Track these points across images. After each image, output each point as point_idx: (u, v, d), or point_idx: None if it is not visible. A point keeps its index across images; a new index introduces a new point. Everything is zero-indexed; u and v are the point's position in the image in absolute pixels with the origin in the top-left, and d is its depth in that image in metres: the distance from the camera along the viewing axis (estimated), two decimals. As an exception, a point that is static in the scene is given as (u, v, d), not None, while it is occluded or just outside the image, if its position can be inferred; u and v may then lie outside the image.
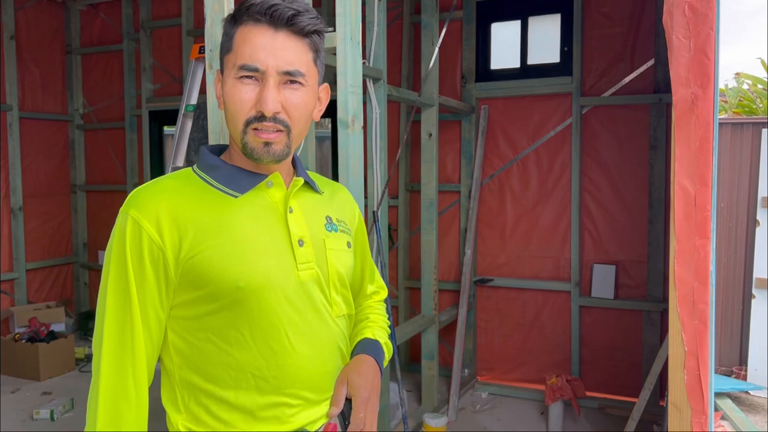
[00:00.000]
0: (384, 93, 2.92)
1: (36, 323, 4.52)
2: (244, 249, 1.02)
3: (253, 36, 1.01)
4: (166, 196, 1.03)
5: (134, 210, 1.01)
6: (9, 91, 4.85)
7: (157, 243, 0.99)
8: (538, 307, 4.07)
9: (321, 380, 1.09)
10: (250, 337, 1.02)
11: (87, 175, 5.44)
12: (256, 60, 1.01)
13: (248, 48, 1.01)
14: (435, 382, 3.64)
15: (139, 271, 1.00)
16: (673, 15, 1.67)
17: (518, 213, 4.10)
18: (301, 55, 1.03)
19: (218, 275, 1.00)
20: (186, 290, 1.02)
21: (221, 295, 1.00)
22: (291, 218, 1.08)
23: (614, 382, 3.85)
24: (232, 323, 1.02)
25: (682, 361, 1.68)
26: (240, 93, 1.02)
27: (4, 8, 4.78)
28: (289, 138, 1.05)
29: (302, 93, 1.04)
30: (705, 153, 1.65)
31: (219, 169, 1.08)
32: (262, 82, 1.01)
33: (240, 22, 1.04)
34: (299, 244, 1.07)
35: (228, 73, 1.05)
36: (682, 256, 1.68)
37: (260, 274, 1.02)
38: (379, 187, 2.98)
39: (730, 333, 4.42)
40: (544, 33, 4.02)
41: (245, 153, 1.05)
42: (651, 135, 3.69)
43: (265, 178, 1.08)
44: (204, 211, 1.03)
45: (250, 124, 1.02)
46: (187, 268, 1.00)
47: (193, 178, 1.08)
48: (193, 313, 1.02)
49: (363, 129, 1.99)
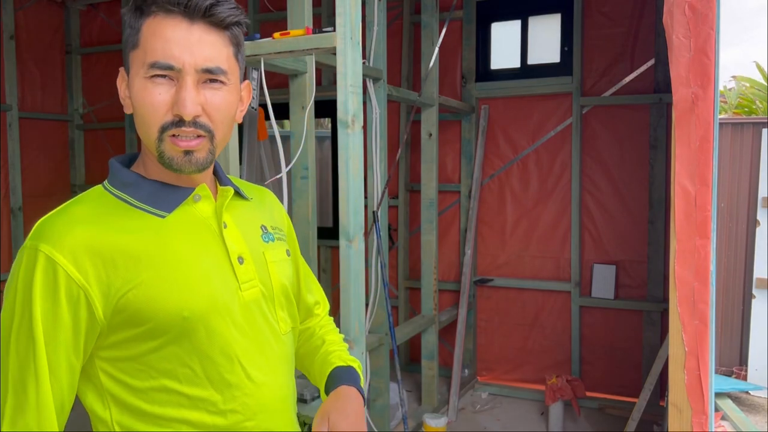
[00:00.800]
0: (384, 93, 2.92)
1: (36, 323, 4.52)
2: (183, 275, 0.90)
3: (164, 29, 0.88)
4: (83, 225, 0.88)
5: (46, 245, 0.86)
6: (9, 91, 4.84)
7: (78, 281, 0.85)
8: (538, 307, 4.07)
9: (280, 406, 1.01)
10: (202, 372, 0.92)
11: (87, 175, 5.44)
12: (169, 57, 0.87)
13: (159, 43, 0.88)
14: (435, 382, 3.63)
15: (52, 315, 0.85)
16: (674, 15, 1.67)
17: (518, 213, 4.10)
18: (221, 49, 0.91)
19: (159, 308, 0.88)
20: (120, 329, 0.89)
21: (164, 329, 0.89)
22: (227, 234, 0.97)
23: (614, 382, 3.85)
24: (180, 359, 0.90)
25: (683, 361, 1.68)
26: (152, 95, 0.88)
27: (4, 8, 4.78)
28: (212, 144, 0.92)
29: (224, 93, 0.92)
30: (705, 153, 1.65)
31: (137, 185, 0.95)
32: (178, 81, 0.88)
33: (147, 13, 0.89)
34: (239, 262, 0.97)
35: (135, 72, 0.90)
36: (683, 256, 1.68)
37: (205, 300, 0.91)
38: (379, 187, 2.98)
39: (730, 333, 4.42)
40: (544, 33, 4.02)
41: (162, 163, 0.91)
42: (651, 135, 3.69)
43: (191, 191, 0.96)
44: (130, 237, 0.89)
45: (166, 131, 0.89)
46: (121, 306, 0.87)
47: (108, 199, 0.94)
48: (133, 353, 0.90)
49: (363, 129, 1.99)
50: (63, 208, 0.93)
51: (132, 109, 0.93)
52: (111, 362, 0.91)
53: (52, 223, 0.89)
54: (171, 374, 0.91)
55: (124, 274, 0.88)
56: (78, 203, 0.93)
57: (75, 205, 0.93)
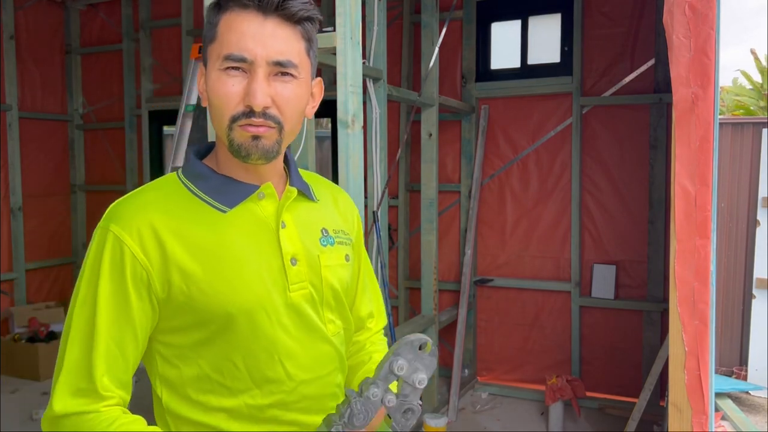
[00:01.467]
0: (384, 93, 2.92)
1: (35, 323, 4.52)
2: (233, 272, 0.94)
3: (239, 23, 0.91)
4: (151, 210, 0.93)
5: (115, 225, 0.92)
6: (9, 91, 4.84)
7: (142, 263, 0.91)
8: (538, 307, 4.07)
9: (318, 405, 1.02)
10: (244, 367, 0.95)
11: (86, 175, 5.44)
12: (243, 49, 0.91)
13: (234, 36, 0.91)
14: (435, 382, 3.63)
15: (117, 291, 0.91)
16: (674, 15, 1.67)
17: (518, 213, 4.10)
18: (292, 44, 0.94)
19: (207, 302, 0.92)
20: (173, 317, 0.94)
21: (210, 322, 0.93)
22: (283, 234, 0.99)
23: (614, 382, 3.85)
24: (224, 353, 0.95)
25: (683, 361, 1.67)
26: (225, 86, 0.92)
27: (4, 8, 4.78)
28: (280, 135, 0.95)
29: (294, 86, 0.94)
30: (705, 153, 1.65)
31: (206, 178, 0.98)
32: (250, 73, 0.92)
33: (225, 9, 0.93)
34: (292, 263, 0.99)
35: (212, 65, 0.95)
36: (683, 256, 1.68)
37: (252, 298, 0.94)
38: (379, 187, 2.97)
39: (730, 333, 4.42)
40: (544, 33, 4.02)
41: (232, 151, 0.95)
42: (651, 135, 3.69)
43: (257, 189, 0.99)
44: (192, 228, 0.94)
45: (236, 121, 0.92)
46: (174, 294, 0.92)
47: (178, 188, 0.98)
48: (182, 341, 0.95)
49: (363, 129, 1.99)
50: (136, 192, 0.99)
51: (208, 101, 0.97)
52: (165, 346, 0.96)
53: (124, 206, 0.95)
54: (215, 365, 0.95)
55: (180, 263, 0.92)
56: (151, 189, 0.99)
57: (147, 191, 0.98)
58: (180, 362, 0.96)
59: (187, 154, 1.04)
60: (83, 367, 0.91)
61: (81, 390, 0.90)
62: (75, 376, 0.91)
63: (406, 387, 0.85)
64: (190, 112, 3.43)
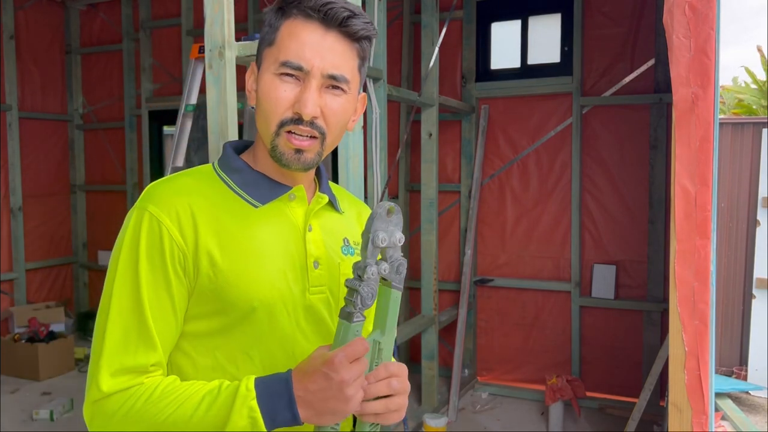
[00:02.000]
0: (384, 93, 2.92)
1: (35, 323, 4.52)
2: (259, 266, 0.96)
3: (300, 32, 0.94)
4: (187, 196, 0.95)
5: (154, 206, 0.93)
6: (9, 91, 4.84)
7: (179, 244, 0.92)
8: (538, 307, 4.07)
9: None
10: (259, 361, 0.97)
11: (86, 175, 5.44)
12: (301, 58, 0.93)
13: (294, 44, 0.94)
14: (435, 382, 3.63)
15: (157, 268, 0.92)
16: (674, 15, 1.66)
17: (518, 213, 4.10)
18: (348, 60, 0.97)
19: (231, 293, 0.94)
20: (197, 303, 0.95)
21: (232, 311, 0.95)
22: (309, 237, 1.01)
23: (614, 382, 3.85)
24: (242, 345, 0.96)
25: (683, 361, 1.67)
26: (278, 90, 0.94)
27: (4, 8, 4.78)
28: (322, 146, 0.97)
29: (343, 100, 0.97)
30: (705, 153, 1.65)
31: (242, 173, 1.01)
32: (304, 82, 0.94)
33: (288, 15, 0.95)
34: (314, 266, 1.01)
35: (266, 68, 0.97)
36: (683, 256, 1.68)
37: (274, 293, 0.96)
38: (379, 187, 2.97)
39: (730, 333, 4.42)
40: (544, 33, 4.02)
41: (273, 156, 0.97)
42: (651, 135, 3.69)
43: (289, 189, 1.01)
44: (224, 219, 0.96)
45: (284, 126, 0.95)
46: (203, 279, 0.94)
47: (213, 179, 1.01)
48: (202, 329, 0.96)
49: (363, 129, 1.99)
50: (172, 177, 1.00)
51: (255, 101, 1.00)
52: (183, 336, 0.96)
53: (162, 188, 0.97)
54: (230, 357, 0.96)
55: (210, 250, 0.94)
56: (187, 176, 1.01)
57: (185, 177, 1.01)
58: (196, 352, 0.97)
59: (224, 148, 1.06)
60: (129, 346, 0.91)
61: (127, 368, 0.90)
62: (120, 355, 0.90)
63: (389, 250, 0.91)
64: (190, 112, 3.43)
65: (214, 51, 1.59)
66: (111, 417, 0.90)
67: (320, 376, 0.85)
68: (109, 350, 0.90)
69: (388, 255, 0.92)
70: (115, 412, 0.89)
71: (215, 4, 1.60)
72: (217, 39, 1.59)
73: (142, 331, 0.91)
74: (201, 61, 3.45)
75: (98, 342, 0.92)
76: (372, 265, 0.89)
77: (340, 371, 0.84)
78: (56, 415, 3.64)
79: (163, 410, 0.88)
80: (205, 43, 1.63)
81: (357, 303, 0.88)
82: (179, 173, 1.02)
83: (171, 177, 1.01)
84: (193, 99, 3.45)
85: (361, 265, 0.90)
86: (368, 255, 0.89)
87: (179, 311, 0.95)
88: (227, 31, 1.57)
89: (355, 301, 0.89)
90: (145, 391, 0.90)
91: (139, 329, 0.91)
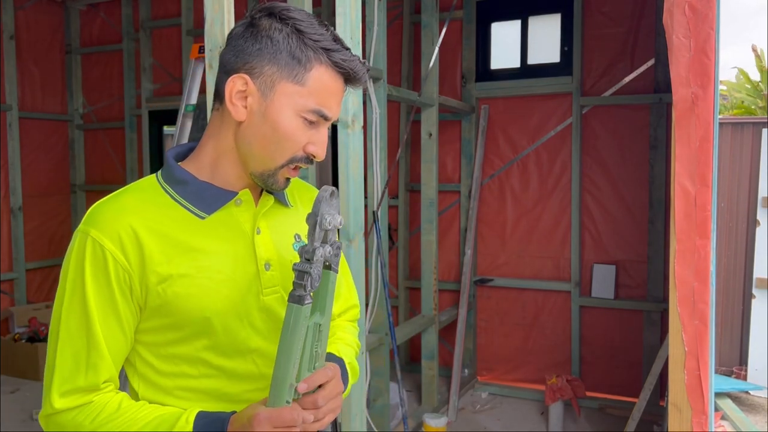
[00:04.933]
0: (384, 93, 2.92)
1: (35, 323, 4.52)
2: (208, 276, 0.98)
3: (333, 84, 0.99)
4: (129, 216, 0.96)
5: (95, 230, 0.94)
6: (9, 91, 4.84)
7: (123, 265, 0.94)
8: (538, 307, 4.07)
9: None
10: (217, 366, 1.01)
11: (87, 175, 5.44)
12: (329, 109, 0.99)
13: (327, 95, 0.98)
14: (435, 382, 3.63)
15: (103, 293, 0.94)
16: (674, 15, 1.67)
17: (518, 213, 4.10)
18: None
19: (183, 306, 0.96)
20: (151, 317, 0.98)
21: (186, 325, 0.98)
22: (258, 240, 1.03)
23: (614, 382, 3.85)
24: (199, 353, 0.99)
25: (683, 361, 1.68)
26: (299, 131, 0.97)
27: (4, 8, 4.78)
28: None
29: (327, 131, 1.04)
30: (705, 153, 1.65)
31: (187, 184, 1.01)
32: (320, 127, 1.00)
33: (319, 60, 0.97)
34: (266, 268, 1.03)
35: (287, 103, 0.96)
36: (683, 256, 1.68)
37: (226, 302, 0.99)
38: (379, 187, 2.98)
39: (730, 333, 4.42)
40: (544, 33, 4.02)
41: (262, 182, 1.01)
42: (651, 135, 3.69)
43: (234, 195, 1.02)
44: (169, 233, 0.97)
45: (293, 162, 0.99)
46: (152, 297, 0.96)
47: (157, 193, 1.01)
48: (159, 340, 0.99)
49: (363, 129, 1.99)
50: (115, 195, 1.00)
51: (244, 117, 0.98)
52: (143, 345, 1.00)
53: (104, 210, 0.97)
54: (190, 363, 1.00)
55: (158, 267, 0.95)
56: (129, 192, 1.01)
57: (126, 194, 1.00)
58: (156, 360, 1.00)
59: (166, 158, 1.05)
60: (79, 366, 0.94)
61: (78, 388, 0.95)
62: (71, 374, 0.94)
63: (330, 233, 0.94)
64: (190, 112, 3.43)
65: (215, 51, 1.59)
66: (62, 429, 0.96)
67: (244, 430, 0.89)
68: (60, 372, 0.94)
69: (329, 237, 0.94)
70: (64, 426, 0.95)
71: (215, 4, 1.60)
72: (217, 39, 1.59)
73: (92, 350, 0.94)
74: (201, 61, 3.45)
75: (50, 362, 0.96)
76: (319, 248, 0.91)
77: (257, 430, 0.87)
78: (56, 415, 3.63)
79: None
80: (205, 43, 1.63)
81: (307, 285, 0.90)
82: (122, 190, 1.02)
83: (114, 196, 1.00)
84: (193, 99, 3.45)
85: (309, 248, 0.91)
86: (316, 238, 0.91)
87: (128, 330, 0.97)
88: (227, 31, 1.57)
89: (305, 284, 0.90)
90: (93, 410, 0.95)
91: (88, 349, 0.94)
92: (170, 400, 1.00)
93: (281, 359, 0.90)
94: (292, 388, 0.91)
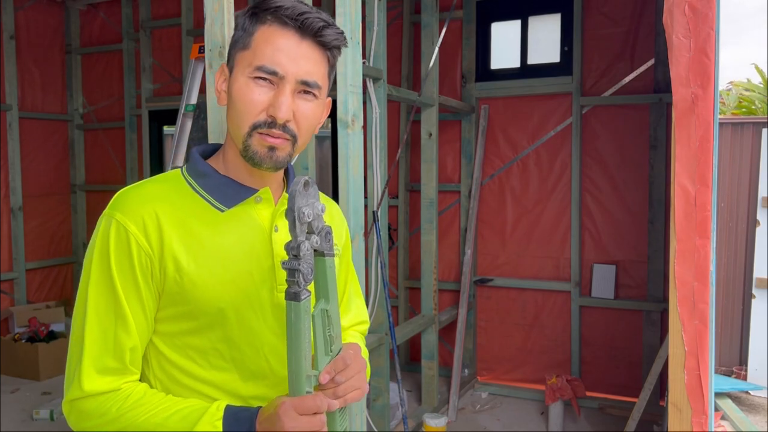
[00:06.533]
0: (384, 93, 2.92)
1: (36, 323, 4.52)
2: (225, 269, 1.00)
3: (277, 38, 0.97)
4: (153, 203, 0.98)
5: (120, 214, 0.97)
6: (9, 91, 4.84)
7: (146, 249, 0.96)
8: (538, 307, 4.07)
9: None
10: (230, 359, 1.02)
11: (87, 175, 5.44)
12: (276, 63, 0.97)
13: (270, 50, 0.97)
14: (435, 382, 3.63)
15: (128, 277, 0.96)
16: (674, 15, 1.67)
17: (518, 213, 4.10)
18: (320, 67, 1.01)
19: (199, 296, 0.98)
20: (167, 305, 0.99)
21: (201, 314, 0.99)
22: (275, 238, 1.04)
23: (614, 382, 3.85)
24: (212, 345, 1.01)
25: (682, 361, 1.68)
26: (252, 93, 0.98)
27: (4, 8, 4.78)
28: (292, 148, 1.01)
29: (314, 105, 1.01)
30: (705, 153, 1.65)
31: (209, 177, 1.04)
32: (278, 87, 0.98)
33: (263, 21, 0.99)
34: (282, 265, 1.01)
35: (240, 71, 1.00)
36: (682, 256, 1.68)
37: (241, 295, 1.00)
38: (379, 187, 2.98)
39: (730, 333, 4.42)
40: (544, 33, 4.02)
41: (245, 156, 1.00)
42: (651, 135, 3.69)
43: (255, 192, 1.04)
44: (190, 223, 0.99)
45: (257, 128, 0.98)
46: (169, 285, 0.98)
47: (181, 184, 1.04)
48: (173, 329, 1.01)
49: (363, 129, 1.99)
50: (140, 183, 1.03)
51: (225, 102, 1.04)
52: (159, 336, 1.01)
53: (130, 196, 1.00)
54: (204, 354, 1.01)
55: (177, 255, 0.97)
56: (154, 183, 1.04)
57: (151, 183, 1.04)
58: (170, 350, 1.02)
59: (191, 154, 1.09)
60: (109, 346, 0.96)
61: (108, 368, 0.96)
62: (100, 355, 0.96)
63: (314, 222, 0.94)
64: (190, 112, 3.43)
65: (215, 51, 1.59)
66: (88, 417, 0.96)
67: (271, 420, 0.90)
68: (89, 352, 0.95)
69: (315, 226, 0.94)
70: (90, 413, 0.96)
71: (215, 4, 1.60)
72: (217, 39, 1.59)
73: (120, 330, 0.96)
74: (201, 60, 3.45)
75: (76, 345, 0.97)
76: (304, 242, 0.92)
77: (284, 420, 0.88)
78: (56, 415, 3.64)
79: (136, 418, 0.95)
80: (205, 43, 1.63)
81: (300, 281, 0.91)
82: (148, 180, 1.05)
83: (140, 184, 1.03)
84: (193, 99, 3.45)
85: (293, 244, 0.92)
86: (298, 233, 0.91)
87: (149, 313, 0.99)
88: (227, 31, 1.57)
89: (297, 280, 0.91)
90: (119, 398, 0.96)
91: (116, 328, 0.96)
92: (182, 393, 1.01)
93: (292, 355, 0.92)
94: (310, 379, 0.92)
